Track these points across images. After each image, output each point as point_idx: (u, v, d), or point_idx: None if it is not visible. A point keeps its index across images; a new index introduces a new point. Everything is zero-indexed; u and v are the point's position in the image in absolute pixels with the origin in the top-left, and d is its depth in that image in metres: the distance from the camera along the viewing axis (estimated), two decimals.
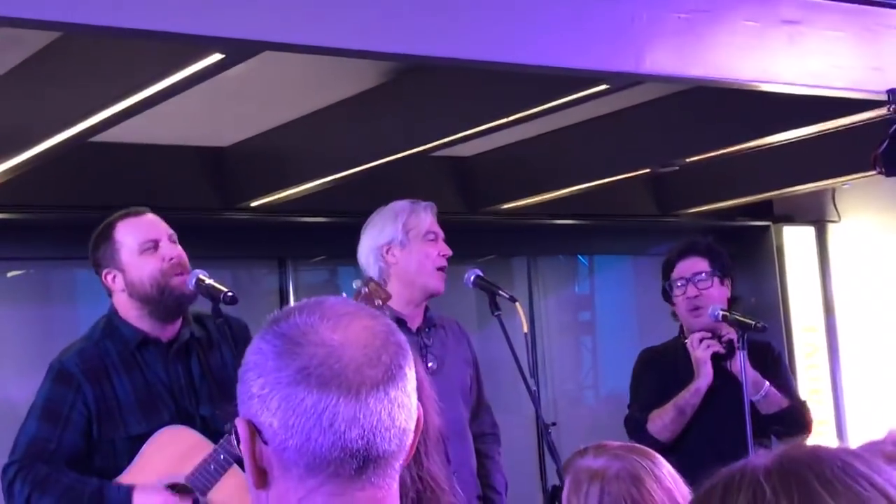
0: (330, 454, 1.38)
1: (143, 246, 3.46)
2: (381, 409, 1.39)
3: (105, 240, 3.51)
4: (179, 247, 3.51)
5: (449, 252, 3.97)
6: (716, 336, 4.28)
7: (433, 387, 2.25)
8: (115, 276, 3.49)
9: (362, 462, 1.39)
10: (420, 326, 3.99)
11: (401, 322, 3.86)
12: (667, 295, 4.43)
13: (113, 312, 3.53)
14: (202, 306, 3.58)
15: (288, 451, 1.39)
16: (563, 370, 8.08)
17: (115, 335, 3.48)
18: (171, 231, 3.54)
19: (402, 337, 1.47)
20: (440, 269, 3.95)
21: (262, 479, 1.43)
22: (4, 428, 5.75)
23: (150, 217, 3.55)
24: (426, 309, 4.02)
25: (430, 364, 3.88)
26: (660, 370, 4.40)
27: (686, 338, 4.36)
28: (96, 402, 3.37)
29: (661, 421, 4.22)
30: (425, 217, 3.98)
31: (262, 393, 1.41)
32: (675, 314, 4.47)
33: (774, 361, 4.43)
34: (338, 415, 1.38)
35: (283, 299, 6.82)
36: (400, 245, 3.93)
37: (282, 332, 1.43)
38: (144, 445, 3.35)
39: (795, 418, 4.34)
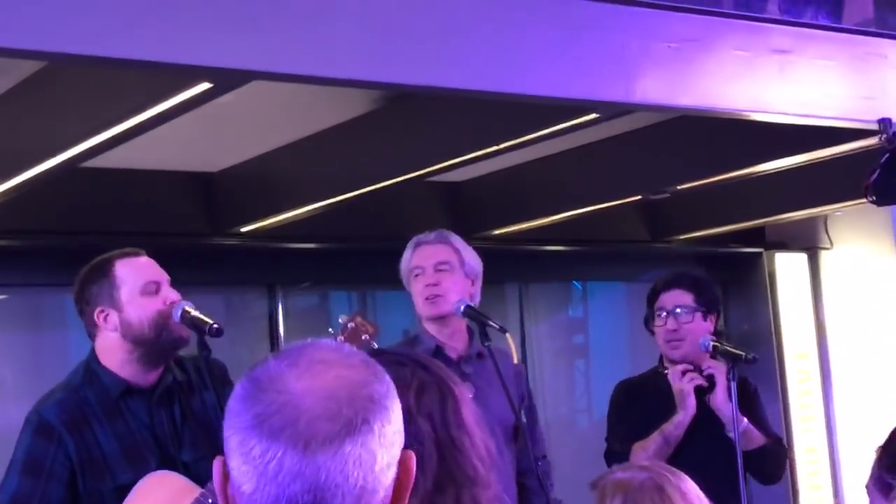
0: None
1: (146, 287, 3.38)
2: (331, 465, 1.35)
3: (102, 276, 3.39)
4: (176, 291, 3.45)
5: (431, 282, 4.05)
6: (697, 369, 4.24)
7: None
8: (107, 315, 3.37)
9: None
10: (462, 355, 4.04)
11: (438, 350, 3.98)
12: (648, 323, 4.41)
13: (92, 358, 3.42)
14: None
15: (243, 498, 1.38)
16: (555, 396, 8.05)
17: (95, 383, 3.37)
18: (167, 276, 3.48)
19: (378, 390, 1.42)
20: (428, 298, 4.05)
21: None
22: None
23: (149, 259, 3.47)
24: (471, 337, 4.09)
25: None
26: (638, 403, 4.36)
27: (665, 368, 4.33)
28: (79, 453, 3.26)
29: (645, 453, 4.17)
30: (410, 256, 4.14)
31: (227, 435, 1.40)
32: None
33: (751, 397, 4.38)
34: (283, 467, 1.35)
35: (273, 325, 6.79)
36: (406, 283, 4.15)
37: (254, 376, 1.42)
38: (130, 493, 3.27)
39: (772, 456, 4.31)
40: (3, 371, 6.06)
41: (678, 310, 4.29)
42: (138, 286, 3.37)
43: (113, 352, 3.39)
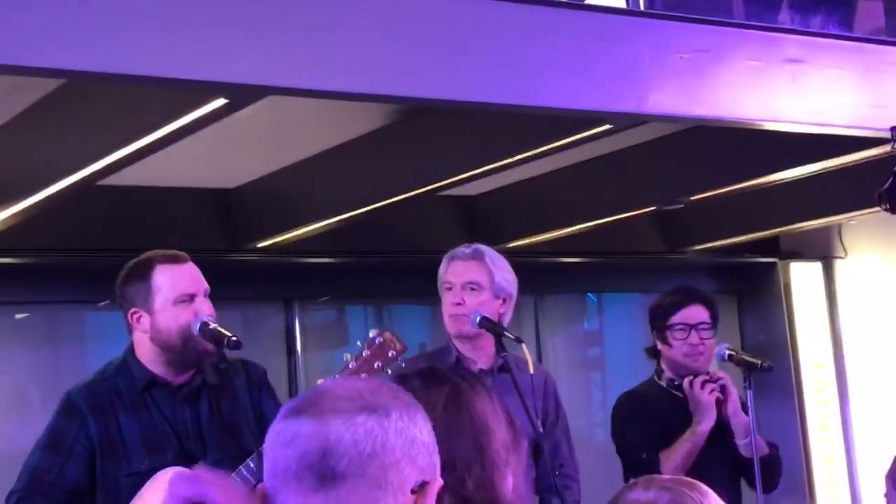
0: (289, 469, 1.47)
1: (179, 297, 3.42)
2: (342, 429, 1.45)
3: (141, 279, 3.45)
4: (210, 303, 3.48)
5: (457, 300, 4.01)
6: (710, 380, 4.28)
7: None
8: (140, 317, 3.45)
9: (321, 477, 1.45)
10: (483, 370, 3.99)
11: (459, 362, 3.99)
12: (661, 336, 4.39)
13: (129, 351, 3.51)
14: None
15: (266, 475, 1.51)
16: (570, 408, 8.02)
17: (126, 373, 3.47)
18: (206, 286, 3.50)
19: (402, 402, 1.53)
20: (452, 315, 4.03)
21: None
22: (12, 469, 5.80)
23: (190, 267, 3.50)
24: (498, 351, 4.02)
25: None
26: (650, 413, 4.37)
27: (675, 379, 4.34)
28: (100, 436, 3.37)
29: (673, 463, 4.17)
30: (443, 269, 4.10)
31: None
32: (652, 351, 4.45)
33: (743, 405, 4.40)
34: (300, 432, 1.46)
35: (290, 340, 6.82)
36: (441, 295, 4.11)
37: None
38: (142, 489, 3.34)
39: (776, 464, 4.33)
40: (25, 386, 6.10)
41: (701, 325, 4.32)
42: (172, 296, 3.42)
43: (144, 350, 3.48)
